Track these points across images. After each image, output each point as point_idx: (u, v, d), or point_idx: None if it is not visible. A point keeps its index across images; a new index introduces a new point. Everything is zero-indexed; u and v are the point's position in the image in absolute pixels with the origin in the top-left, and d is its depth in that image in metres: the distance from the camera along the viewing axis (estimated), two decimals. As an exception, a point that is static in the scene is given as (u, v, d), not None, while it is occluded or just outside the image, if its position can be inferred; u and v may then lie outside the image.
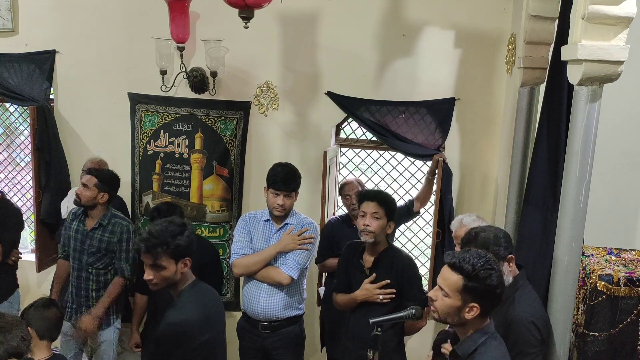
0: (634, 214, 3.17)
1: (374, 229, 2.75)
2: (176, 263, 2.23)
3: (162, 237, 2.20)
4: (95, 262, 3.33)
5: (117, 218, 3.39)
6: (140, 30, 4.02)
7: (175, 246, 2.20)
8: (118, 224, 3.36)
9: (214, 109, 4.09)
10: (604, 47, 2.02)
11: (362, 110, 3.87)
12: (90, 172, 3.36)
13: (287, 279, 2.99)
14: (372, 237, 2.76)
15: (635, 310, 2.31)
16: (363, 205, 2.81)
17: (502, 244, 2.25)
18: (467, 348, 1.85)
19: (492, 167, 3.84)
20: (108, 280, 3.37)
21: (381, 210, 2.76)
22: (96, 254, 3.33)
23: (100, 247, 3.32)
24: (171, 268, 2.22)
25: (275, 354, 3.10)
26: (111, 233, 3.33)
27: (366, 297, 2.79)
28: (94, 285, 3.35)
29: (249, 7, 2.91)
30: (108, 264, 3.36)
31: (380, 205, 2.77)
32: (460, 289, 1.80)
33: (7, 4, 4.22)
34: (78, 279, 3.36)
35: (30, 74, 4.26)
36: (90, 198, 3.28)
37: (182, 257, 2.24)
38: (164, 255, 2.19)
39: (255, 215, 3.18)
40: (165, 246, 2.19)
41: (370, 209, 2.77)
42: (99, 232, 3.33)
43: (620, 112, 3.00)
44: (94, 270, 3.34)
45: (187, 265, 2.27)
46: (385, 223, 2.79)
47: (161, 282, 2.24)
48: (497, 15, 3.64)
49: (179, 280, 2.28)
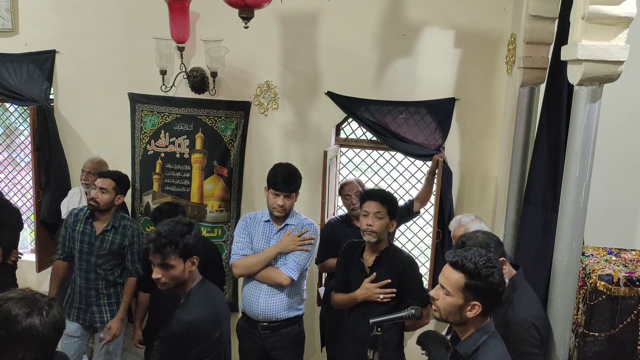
0: (634, 214, 3.17)
1: (377, 229, 2.75)
2: (184, 262, 2.28)
3: (170, 237, 2.24)
4: (104, 264, 3.35)
5: (126, 220, 3.42)
6: (140, 30, 4.02)
7: (184, 245, 2.26)
8: (129, 227, 3.39)
9: (214, 109, 4.09)
10: (604, 47, 2.02)
11: (362, 110, 3.87)
12: (104, 175, 3.35)
13: (287, 280, 2.99)
14: (375, 237, 2.76)
15: (635, 310, 2.32)
16: (365, 204, 2.80)
17: (491, 249, 2.25)
18: (469, 347, 1.86)
19: (492, 167, 3.84)
20: (116, 278, 3.41)
21: (384, 210, 2.76)
22: (107, 255, 3.34)
23: (111, 250, 3.34)
24: (179, 267, 2.26)
25: (275, 355, 3.10)
26: (122, 235, 3.36)
27: (366, 296, 2.79)
28: (103, 284, 3.38)
29: (249, 7, 2.91)
30: (115, 264, 3.39)
31: (382, 205, 2.77)
32: (462, 287, 1.81)
33: (7, 4, 4.22)
34: (87, 280, 3.36)
35: (30, 74, 4.26)
36: (109, 201, 3.29)
37: (190, 255, 2.29)
38: (173, 254, 2.24)
39: (256, 215, 3.17)
40: (174, 245, 2.24)
41: (373, 208, 2.76)
42: (110, 235, 3.34)
43: (620, 112, 3.00)
44: (102, 271, 3.35)
45: (195, 264, 2.31)
46: (388, 222, 2.78)
47: (170, 281, 2.28)
48: (497, 15, 3.65)
49: (187, 279, 2.31)
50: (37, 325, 1.57)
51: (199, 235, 2.35)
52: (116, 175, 3.35)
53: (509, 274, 2.30)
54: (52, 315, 1.62)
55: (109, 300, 3.40)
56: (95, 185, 3.30)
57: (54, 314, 1.62)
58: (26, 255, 4.48)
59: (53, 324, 1.61)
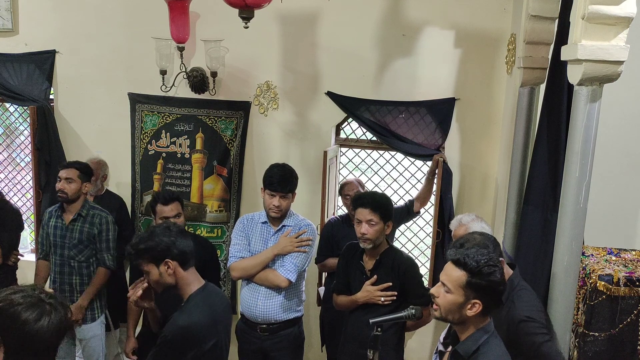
0: (634, 214, 3.17)
1: (371, 236, 2.73)
2: (157, 267, 2.26)
3: (134, 247, 2.28)
4: (76, 255, 3.40)
5: (95, 209, 3.47)
6: (140, 30, 4.02)
7: (145, 250, 2.24)
8: (97, 215, 3.44)
9: (214, 109, 4.09)
10: (604, 47, 2.02)
11: (362, 110, 3.87)
12: (67, 166, 3.40)
13: (284, 282, 2.97)
14: (371, 244, 2.75)
15: (635, 310, 2.31)
16: (357, 211, 2.77)
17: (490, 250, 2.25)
18: (469, 347, 1.85)
19: (492, 167, 3.84)
20: (91, 273, 3.46)
21: (376, 216, 2.71)
22: (77, 246, 3.39)
23: (81, 239, 3.39)
24: (154, 272, 2.26)
25: (275, 356, 3.09)
26: (91, 224, 3.41)
27: (367, 299, 2.79)
28: (78, 279, 3.43)
29: (249, 7, 2.91)
30: (89, 255, 3.44)
31: (374, 211, 2.72)
32: (464, 284, 1.81)
33: (7, 4, 4.23)
34: (61, 274, 3.43)
35: (30, 74, 4.26)
36: (77, 190, 3.36)
37: (160, 259, 2.25)
38: (142, 261, 2.27)
39: (253, 217, 3.16)
40: (136, 252, 2.27)
41: (365, 216, 2.73)
42: (78, 224, 3.40)
43: (620, 112, 3.00)
44: (76, 264, 3.41)
45: (170, 267, 2.25)
46: (382, 227, 2.75)
47: (155, 285, 2.31)
48: (497, 15, 3.65)
49: (178, 283, 2.28)
50: (44, 329, 1.55)
51: (167, 239, 2.25)
52: (78, 164, 3.41)
53: (506, 275, 2.30)
54: (59, 319, 1.59)
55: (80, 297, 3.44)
56: (60, 177, 3.35)
57: (60, 317, 1.60)
58: (26, 255, 4.48)
59: (58, 327, 1.59)
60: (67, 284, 3.43)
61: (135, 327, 3.39)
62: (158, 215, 3.09)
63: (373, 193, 3.15)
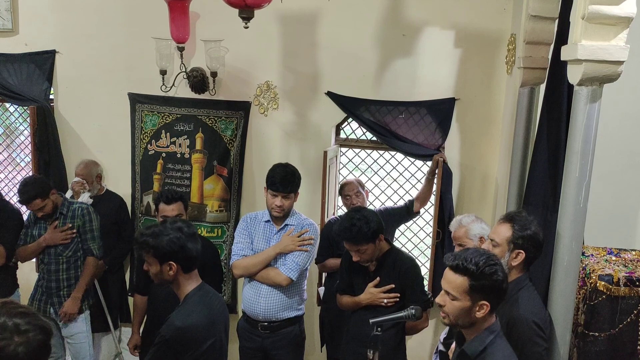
0: (634, 214, 3.17)
1: (367, 258, 2.76)
2: (160, 264, 2.25)
3: (141, 238, 2.26)
4: (64, 251, 3.48)
5: (73, 204, 3.54)
6: (140, 30, 4.01)
7: (151, 247, 2.23)
8: (77, 208, 3.53)
9: (214, 109, 4.09)
10: (604, 47, 2.02)
11: (362, 110, 3.87)
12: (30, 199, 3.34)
13: (286, 280, 2.99)
14: (368, 262, 2.79)
15: (635, 310, 2.32)
16: (344, 244, 2.77)
17: None
18: (476, 347, 1.85)
19: (492, 167, 3.84)
20: (78, 267, 3.53)
21: (362, 246, 2.69)
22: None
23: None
24: (155, 266, 2.26)
25: (275, 355, 3.10)
26: (72, 218, 3.49)
27: (370, 300, 2.80)
28: (64, 275, 3.51)
29: (249, 7, 2.91)
30: (77, 249, 3.52)
31: (357, 244, 2.69)
32: (468, 289, 1.80)
33: (7, 4, 4.22)
34: (48, 272, 3.50)
35: (30, 74, 4.25)
36: (52, 206, 3.42)
37: (166, 260, 2.24)
38: (147, 253, 2.26)
39: (256, 216, 3.18)
40: (145, 245, 2.25)
41: (352, 247, 2.74)
42: (61, 223, 3.48)
43: (620, 112, 3.01)
44: (64, 260, 3.48)
45: (173, 269, 2.24)
46: (373, 248, 2.73)
47: (153, 276, 2.31)
48: (497, 15, 3.65)
49: (176, 282, 2.28)
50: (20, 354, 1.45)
51: (181, 242, 2.24)
52: (34, 191, 3.33)
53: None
54: (36, 344, 1.49)
55: (68, 291, 3.50)
56: (33, 209, 3.38)
57: (37, 339, 1.49)
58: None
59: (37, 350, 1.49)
60: (53, 280, 3.49)
61: (140, 324, 3.41)
62: (160, 213, 3.09)
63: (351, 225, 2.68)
